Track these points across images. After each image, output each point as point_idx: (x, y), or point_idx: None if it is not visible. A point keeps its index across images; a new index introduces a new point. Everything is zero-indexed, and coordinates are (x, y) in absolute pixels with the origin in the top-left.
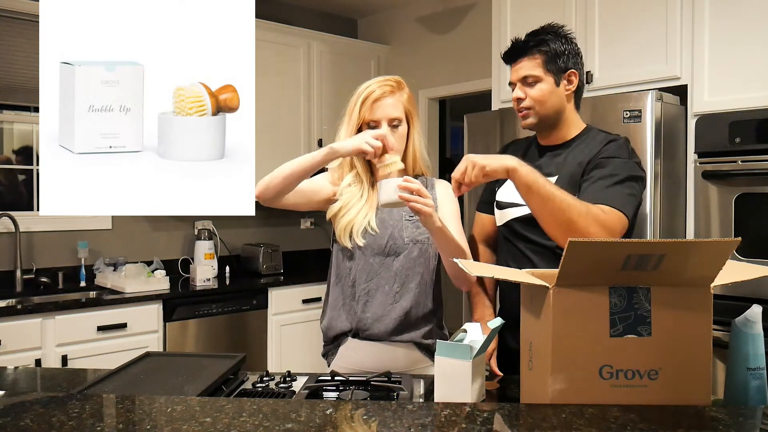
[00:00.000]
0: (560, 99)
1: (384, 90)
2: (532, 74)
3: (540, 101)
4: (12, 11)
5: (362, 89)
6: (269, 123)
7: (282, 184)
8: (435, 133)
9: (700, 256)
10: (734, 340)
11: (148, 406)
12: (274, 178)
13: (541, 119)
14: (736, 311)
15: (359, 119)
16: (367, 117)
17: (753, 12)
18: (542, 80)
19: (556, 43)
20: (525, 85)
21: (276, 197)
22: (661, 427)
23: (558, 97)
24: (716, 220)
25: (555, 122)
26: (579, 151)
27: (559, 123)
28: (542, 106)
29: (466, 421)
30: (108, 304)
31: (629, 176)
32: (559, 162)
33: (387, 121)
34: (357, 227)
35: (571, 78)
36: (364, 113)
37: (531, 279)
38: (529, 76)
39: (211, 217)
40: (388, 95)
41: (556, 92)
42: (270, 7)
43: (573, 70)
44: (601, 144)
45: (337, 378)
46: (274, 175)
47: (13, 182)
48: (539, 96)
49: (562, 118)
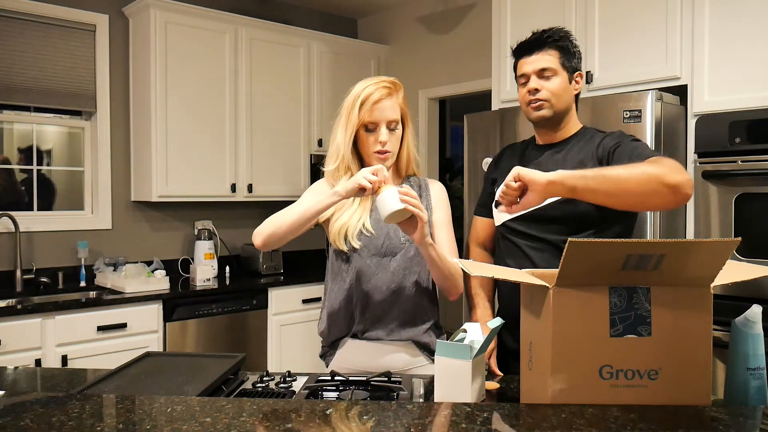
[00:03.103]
0: (571, 97)
1: (382, 93)
2: (551, 67)
3: (557, 94)
4: (12, 11)
5: (359, 90)
6: (269, 123)
7: (288, 232)
8: (435, 133)
9: (700, 256)
10: (734, 340)
11: (148, 406)
12: (278, 228)
13: (555, 113)
14: (736, 311)
15: (358, 121)
16: (366, 119)
17: (753, 12)
18: (558, 74)
19: (568, 43)
20: (541, 77)
21: (280, 242)
22: (661, 427)
23: (569, 95)
24: (716, 220)
25: (561, 119)
26: (578, 149)
27: (563, 121)
28: (558, 100)
29: (466, 421)
30: (108, 304)
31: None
32: (558, 160)
33: (386, 123)
34: (352, 230)
35: (578, 79)
36: (363, 115)
37: (531, 279)
38: (548, 69)
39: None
40: (386, 98)
41: (568, 89)
42: (270, 7)
43: (580, 72)
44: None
45: (337, 378)
46: (277, 224)
47: (13, 182)
48: (557, 89)
49: (567, 116)
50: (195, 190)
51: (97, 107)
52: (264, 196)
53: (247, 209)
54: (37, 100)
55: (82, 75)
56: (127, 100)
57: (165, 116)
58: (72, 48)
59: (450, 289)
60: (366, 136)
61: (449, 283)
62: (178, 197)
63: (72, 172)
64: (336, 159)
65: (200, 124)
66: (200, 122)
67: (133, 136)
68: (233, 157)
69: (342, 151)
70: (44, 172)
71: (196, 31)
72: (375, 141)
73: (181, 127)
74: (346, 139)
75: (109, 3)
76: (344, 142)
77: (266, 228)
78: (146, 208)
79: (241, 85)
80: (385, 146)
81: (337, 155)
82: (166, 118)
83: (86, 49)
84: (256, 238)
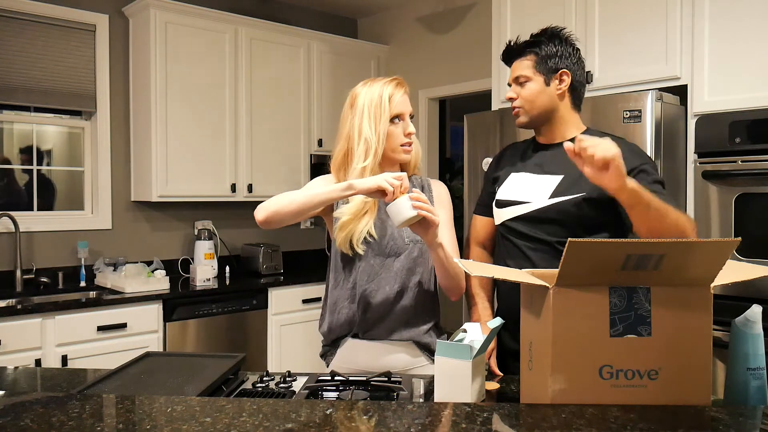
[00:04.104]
0: (550, 98)
1: (400, 88)
2: (523, 74)
3: (529, 100)
4: (12, 11)
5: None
6: (269, 123)
7: (293, 213)
8: (435, 133)
9: (700, 256)
10: (734, 340)
11: (148, 406)
12: (283, 206)
13: (532, 118)
14: (736, 311)
15: (390, 113)
16: (395, 111)
17: (753, 12)
18: (532, 80)
19: (549, 45)
20: (517, 84)
21: (281, 223)
22: (661, 427)
23: (548, 96)
24: (716, 220)
25: (547, 120)
26: None
27: (554, 121)
28: (531, 105)
29: (466, 421)
30: (108, 304)
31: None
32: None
33: (409, 114)
34: (357, 237)
35: (563, 78)
36: (394, 107)
37: (531, 279)
38: (521, 76)
39: (211, 216)
40: (402, 91)
41: (545, 91)
42: (270, 7)
43: (564, 70)
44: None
45: (337, 378)
46: (283, 203)
47: (13, 182)
48: (528, 95)
49: (556, 116)
50: (195, 190)
51: (97, 107)
52: (264, 196)
53: (247, 209)
54: (37, 100)
55: (82, 75)
56: (127, 100)
57: (165, 116)
58: (72, 48)
59: (453, 288)
60: (392, 128)
61: (453, 283)
62: (178, 197)
63: (72, 172)
64: (366, 156)
65: (200, 124)
66: (200, 122)
67: (133, 136)
68: (233, 157)
69: (375, 146)
70: (44, 172)
71: (196, 31)
72: (402, 132)
73: (181, 127)
74: (380, 133)
75: (109, 3)
76: (378, 136)
77: (272, 204)
78: (146, 208)
79: (241, 85)
80: (410, 137)
81: (368, 151)
82: (166, 118)
83: (86, 49)
84: (259, 212)
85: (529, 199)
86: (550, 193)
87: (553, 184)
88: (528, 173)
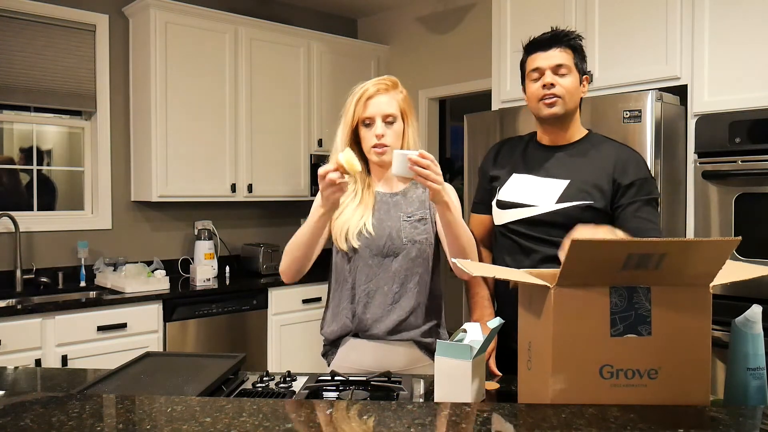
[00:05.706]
0: (579, 98)
1: (378, 88)
2: (566, 64)
3: (570, 92)
4: (12, 11)
5: (357, 89)
6: (269, 123)
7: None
8: (435, 133)
9: (700, 255)
10: (734, 340)
11: (148, 406)
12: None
13: (567, 111)
14: (736, 311)
15: (354, 117)
16: (362, 114)
17: (753, 12)
18: (572, 73)
19: (581, 45)
20: (556, 74)
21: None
22: (661, 426)
23: (579, 96)
24: (716, 220)
25: (570, 119)
26: (589, 161)
27: (570, 122)
28: (571, 98)
29: (466, 421)
30: (108, 304)
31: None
32: (567, 165)
33: (381, 117)
34: (353, 230)
35: (585, 83)
36: (359, 111)
37: (531, 279)
38: (564, 66)
39: (211, 216)
40: (383, 93)
41: (578, 90)
42: (270, 7)
43: (587, 76)
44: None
45: (337, 378)
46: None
47: (13, 182)
48: (570, 86)
49: (574, 117)
50: (195, 190)
51: (97, 107)
52: (264, 196)
53: (247, 209)
54: (37, 100)
55: (82, 75)
56: (127, 100)
57: (165, 116)
58: (72, 48)
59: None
60: (365, 131)
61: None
62: (178, 197)
63: (72, 172)
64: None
65: (200, 124)
66: (200, 122)
67: (133, 136)
68: (233, 157)
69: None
70: (44, 172)
71: (195, 31)
72: (372, 135)
73: (181, 127)
74: (344, 137)
75: (109, 3)
76: (341, 141)
77: (285, 262)
78: (146, 208)
79: (241, 85)
80: (381, 139)
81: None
82: (166, 118)
83: (86, 49)
84: (283, 276)
85: (534, 203)
86: (557, 197)
87: (559, 189)
88: (531, 175)
